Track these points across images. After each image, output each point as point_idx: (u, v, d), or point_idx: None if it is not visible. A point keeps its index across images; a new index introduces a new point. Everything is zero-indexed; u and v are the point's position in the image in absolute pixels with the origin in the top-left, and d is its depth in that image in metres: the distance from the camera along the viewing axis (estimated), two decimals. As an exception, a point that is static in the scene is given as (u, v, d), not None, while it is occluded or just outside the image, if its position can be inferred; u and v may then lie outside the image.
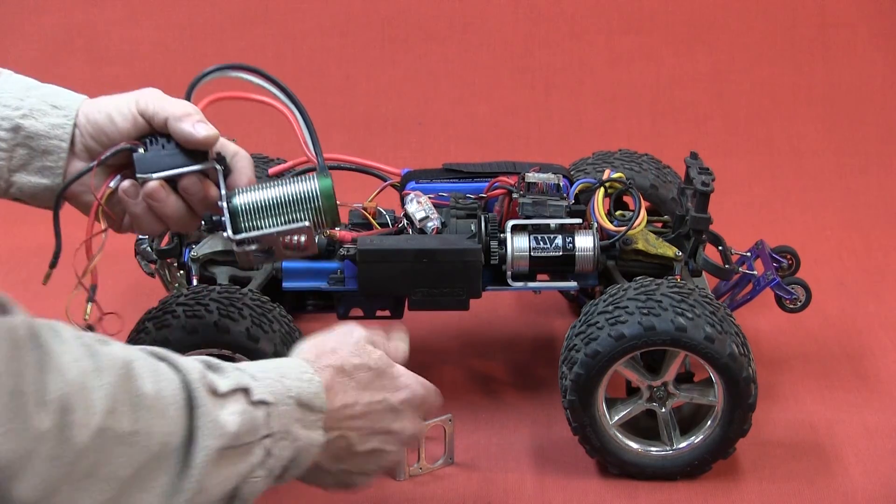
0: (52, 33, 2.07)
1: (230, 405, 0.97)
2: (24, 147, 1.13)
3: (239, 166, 1.16)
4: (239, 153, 1.17)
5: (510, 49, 2.11)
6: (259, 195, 1.13)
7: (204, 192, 1.14)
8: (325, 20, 2.12)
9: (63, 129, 1.13)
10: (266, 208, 1.13)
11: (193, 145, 1.12)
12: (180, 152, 1.12)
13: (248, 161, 1.17)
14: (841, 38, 2.08)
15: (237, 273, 1.42)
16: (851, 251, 1.90)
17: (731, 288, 1.55)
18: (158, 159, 1.12)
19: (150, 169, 1.12)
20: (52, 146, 1.13)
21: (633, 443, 1.36)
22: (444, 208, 1.42)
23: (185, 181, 1.13)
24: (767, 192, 2.02)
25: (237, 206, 1.13)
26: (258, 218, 1.13)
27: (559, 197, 1.40)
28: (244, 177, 1.16)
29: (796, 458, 1.42)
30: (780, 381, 1.57)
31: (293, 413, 1.01)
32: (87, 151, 1.14)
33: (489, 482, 1.38)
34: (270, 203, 1.13)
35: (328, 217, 1.15)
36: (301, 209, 1.13)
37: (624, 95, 2.09)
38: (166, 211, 1.14)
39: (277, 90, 1.16)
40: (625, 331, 1.30)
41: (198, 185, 1.14)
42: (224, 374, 0.99)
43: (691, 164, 1.48)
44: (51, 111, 1.13)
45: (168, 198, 1.13)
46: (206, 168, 1.13)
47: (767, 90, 2.09)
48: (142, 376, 0.92)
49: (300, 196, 1.13)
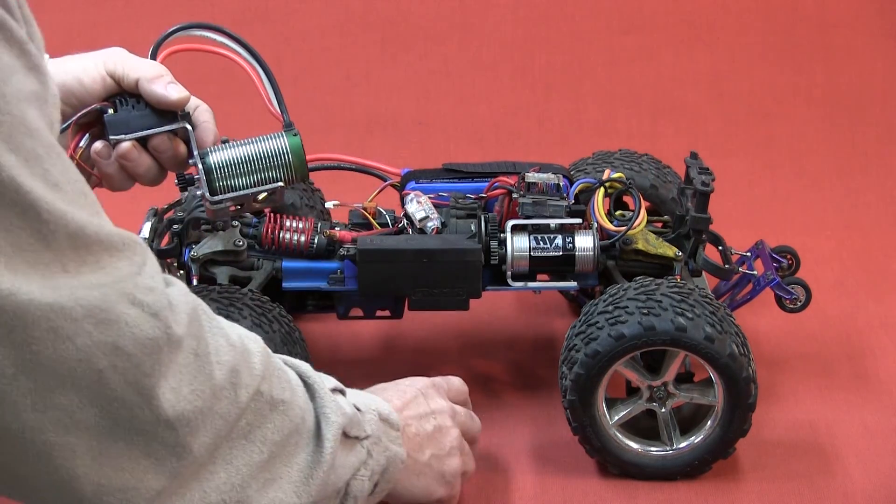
0: (52, 33, 2.06)
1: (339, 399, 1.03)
2: None
3: (202, 120, 1.18)
4: (200, 106, 1.19)
5: (510, 49, 2.11)
6: (231, 154, 1.18)
7: (174, 151, 1.17)
8: (325, 20, 2.12)
9: None
10: (239, 166, 1.17)
11: (166, 106, 1.15)
12: (150, 112, 1.15)
13: (209, 114, 1.19)
14: (841, 38, 2.08)
15: (237, 273, 1.42)
16: (851, 251, 1.90)
17: (731, 288, 1.55)
18: (129, 120, 1.14)
19: (122, 130, 1.14)
20: None
21: (633, 443, 1.36)
22: (444, 208, 1.42)
23: (156, 140, 1.16)
24: (767, 192, 2.02)
25: (211, 166, 1.15)
26: (232, 177, 1.18)
27: (559, 197, 1.40)
28: (208, 131, 1.18)
29: (796, 458, 1.42)
30: (780, 381, 1.57)
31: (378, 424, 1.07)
32: None
33: (489, 482, 1.38)
34: (242, 162, 1.17)
35: (299, 173, 1.20)
36: (273, 167, 1.17)
37: (624, 95, 2.09)
38: (138, 170, 1.16)
39: (241, 48, 1.19)
40: (625, 331, 1.30)
41: (168, 143, 1.16)
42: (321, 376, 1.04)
43: (691, 164, 1.48)
44: None
45: (140, 157, 1.16)
46: (177, 128, 1.15)
47: (767, 90, 2.09)
48: (280, 365, 0.99)
49: (271, 153, 1.17)
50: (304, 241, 1.41)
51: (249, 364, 0.93)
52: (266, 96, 1.18)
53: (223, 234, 1.41)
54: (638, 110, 2.09)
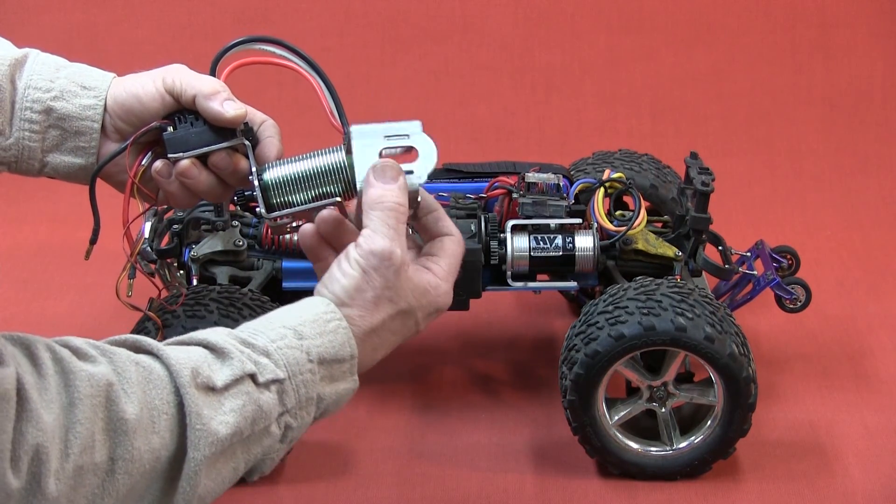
0: (52, 33, 2.07)
1: (229, 401, 0.95)
2: (57, 128, 1.13)
3: (266, 135, 1.15)
4: (266, 122, 1.16)
5: (510, 49, 2.11)
6: (288, 170, 1.13)
7: (234, 167, 1.14)
8: (325, 20, 2.12)
9: (94, 109, 1.13)
10: (296, 182, 1.12)
11: (222, 123, 1.12)
12: (209, 129, 1.13)
13: (275, 129, 1.16)
14: (841, 38, 2.08)
15: (237, 273, 1.42)
16: (851, 251, 1.90)
17: (731, 288, 1.55)
18: (188, 137, 1.12)
19: (181, 148, 1.12)
20: (83, 127, 1.13)
21: (633, 443, 1.36)
22: (444, 208, 1.42)
23: (215, 157, 1.13)
24: (767, 192, 2.02)
25: (268, 183, 1.12)
26: (289, 193, 1.12)
27: (559, 197, 1.40)
28: (272, 147, 1.15)
29: (796, 458, 1.42)
30: (780, 381, 1.57)
31: (315, 376, 1.00)
32: (117, 132, 1.14)
33: (489, 482, 1.38)
34: (300, 177, 1.12)
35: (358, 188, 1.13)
36: (330, 182, 1.12)
37: (624, 95, 2.09)
38: (199, 187, 1.14)
39: (302, 61, 1.16)
40: (625, 331, 1.30)
41: (227, 160, 1.13)
42: (227, 362, 0.97)
43: (691, 164, 1.48)
44: (81, 92, 1.14)
45: (200, 175, 1.13)
46: (235, 144, 1.13)
47: (767, 90, 2.09)
48: (124, 396, 0.91)
49: (329, 168, 1.12)
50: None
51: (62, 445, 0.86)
52: (328, 108, 1.16)
53: (223, 234, 1.41)
54: (638, 110, 2.09)
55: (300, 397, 0.99)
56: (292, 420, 0.99)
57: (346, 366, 1.02)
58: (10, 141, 1.13)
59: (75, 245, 1.93)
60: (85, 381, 0.89)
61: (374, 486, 1.38)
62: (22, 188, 2.03)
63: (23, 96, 1.13)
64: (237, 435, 0.95)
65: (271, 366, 0.98)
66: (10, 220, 1.98)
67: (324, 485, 1.38)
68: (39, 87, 1.13)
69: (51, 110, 1.13)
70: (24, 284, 1.82)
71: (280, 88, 1.98)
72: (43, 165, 1.15)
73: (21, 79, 1.13)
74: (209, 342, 0.98)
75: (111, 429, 0.89)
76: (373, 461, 1.42)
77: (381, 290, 1.03)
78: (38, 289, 1.82)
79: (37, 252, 1.91)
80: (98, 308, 1.75)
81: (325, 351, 1.01)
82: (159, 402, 0.92)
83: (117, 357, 0.93)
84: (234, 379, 0.96)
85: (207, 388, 0.95)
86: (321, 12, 2.12)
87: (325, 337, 1.01)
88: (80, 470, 0.87)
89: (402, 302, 1.05)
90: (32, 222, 1.99)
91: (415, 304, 1.05)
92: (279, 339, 1.00)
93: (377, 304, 1.04)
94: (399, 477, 1.39)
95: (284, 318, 1.03)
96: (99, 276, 1.81)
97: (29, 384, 0.86)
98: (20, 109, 1.13)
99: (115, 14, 2.09)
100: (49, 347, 0.90)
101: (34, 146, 1.13)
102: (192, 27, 2.10)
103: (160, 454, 0.92)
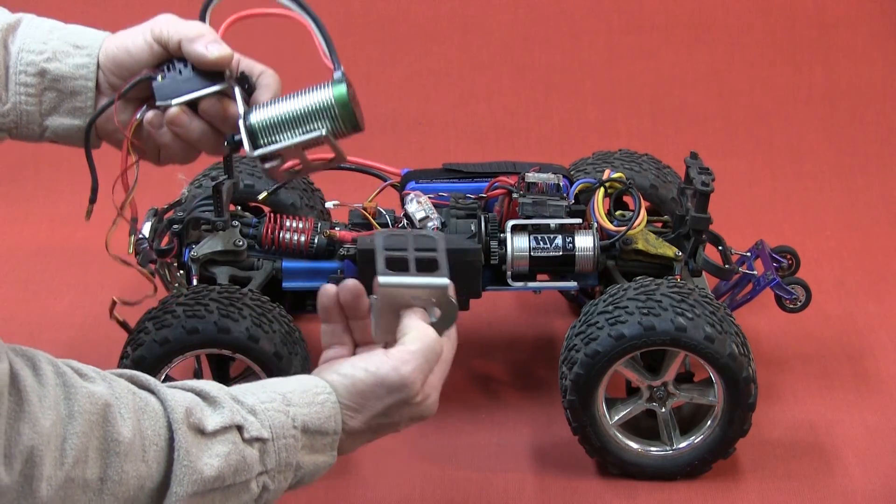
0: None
1: (216, 446, 0.96)
2: (52, 90, 1.13)
3: (264, 83, 1.14)
4: (266, 71, 1.15)
5: (510, 49, 2.10)
6: (275, 109, 1.11)
7: (224, 112, 1.12)
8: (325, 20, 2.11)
9: (87, 68, 1.13)
10: (283, 121, 1.10)
11: (207, 66, 1.11)
12: (197, 75, 1.11)
13: (273, 78, 1.15)
14: (841, 38, 2.08)
15: (237, 273, 1.42)
16: (851, 251, 1.90)
17: (731, 288, 1.55)
18: (176, 85, 1.11)
19: (169, 95, 1.11)
20: (78, 87, 1.13)
21: (633, 443, 1.36)
22: (444, 208, 1.42)
23: (204, 103, 1.12)
24: (767, 192, 2.02)
25: (254, 124, 1.10)
26: (276, 132, 1.10)
27: (559, 197, 1.40)
28: (269, 92, 1.13)
29: (796, 458, 1.42)
30: (780, 381, 1.57)
31: (297, 442, 1.00)
32: (112, 89, 1.13)
33: (489, 482, 1.38)
34: (287, 116, 1.10)
35: (346, 124, 1.12)
36: (319, 118, 1.10)
37: (624, 95, 2.09)
38: (191, 136, 1.13)
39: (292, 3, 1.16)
40: (625, 331, 1.30)
41: (216, 105, 1.12)
42: (217, 410, 0.97)
43: (691, 164, 1.48)
44: (73, 52, 1.13)
45: (191, 122, 1.12)
46: (223, 88, 1.11)
47: (767, 90, 2.09)
48: (120, 419, 0.91)
49: (316, 106, 1.10)
50: (304, 241, 1.41)
51: (57, 452, 0.87)
52: (319, 46, 1.16)
53: (223, 234, 1.41)
54: (638, 110, 2.09)
55: (280, 461, 0.99)
56: (270, 482, 0.99)
57: (328, 439, 1.02)
58: (8, 106, 1.12)
59: (75, 245, 1.94)
60: (85, 398, 0.89)
61: (374, 486, 1.38)
62: (22, 188, 2.03)
63: (17, 60, 1.12)
64: (219, 480, 0.96)
65: (257, 424, 0.98)
66: (10, 220, 1.98)
67: (324, 485, 1.38)
68: (32, 50, 1.12)
69: (45, 72, 1.12)
70: (24, 284, 1.82)
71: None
72: (43, 130, 1.14)
73: (14, 43, 1.12)
74: (202, 390, 0.99)
75: (104, 448, 0.90)
76: (373, 461, 1.41)
77: (384, 408, 1.04)
78: (38, 289, 1.81)
79: (37, 252, 1.91)
80: (98, 308, 1.75)
81: (311, 421, 1.01)
82: (151, 432, 0.93)
83: (116, 384, 0.93)
84: (224, 426, 0.97)
85: (198, 429, 0.95)
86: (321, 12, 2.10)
87: (312, 407, 1.01)
88: (70, 482, 0.87)
89: (395, 416, 1.05)
90: (32, 222, 1.99)
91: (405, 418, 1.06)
92: (268, 402, 1.00)
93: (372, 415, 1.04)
94: (399, 477, 1.39)
95: (276, 384, 1.03)
96: (99, 276, 1.81)
97: (30, 387, 0.86)
98: (15, 73, 1.12)
99: (115, 14, 2.09)
100: (51, 362, 0.90)
101: (32, 110, 1.12)
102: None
103: (145, 483, 0.92)
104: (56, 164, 2.01)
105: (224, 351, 1.29)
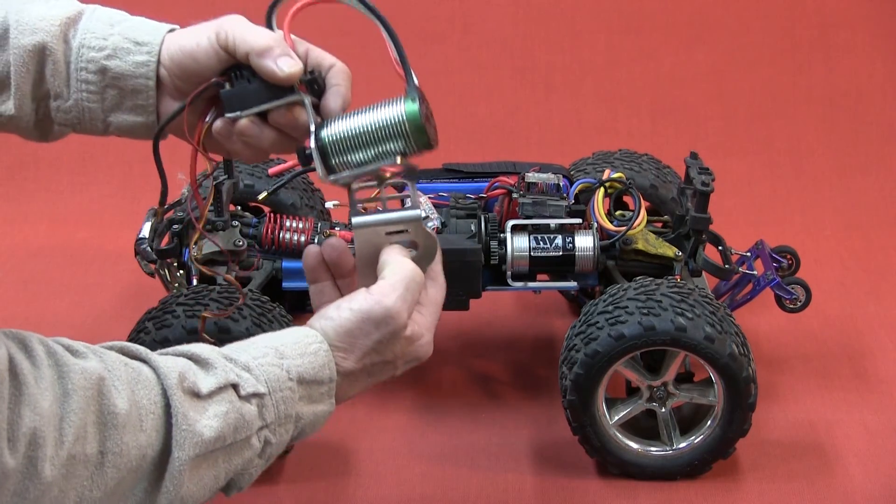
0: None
1: (213, 407, 0.96)
2: (114, 88, 1.10)
3: (333, 82, 1.12)
4: (335, 66, 1.13)
5: (510, 49, 2.11)
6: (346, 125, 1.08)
7: (295, 122, 1.10)
8: (325, 20, 2.11)
9: (147, 66, 1.10)
10: (354, 140, 1.08)
11: (277, 82, 1.08)
12: (266, 85, 1.08)
13: (344, 75, 1.13)
14: (841, 38, 2.08)
15: (237, 273, 1.42)
16: (851, 251, 1.90)
17: (731, 288, 1.55)
18: (245, 94, 1.09)
19: (238, 106, 1.09)
20: (139, 85, 1.10)
21: (633, 443, 1.36)
22: (444, 208, 1.42)
23: (275, 114, 1.09)
24: (767, 192, 2.02)
25: (325, 142, 1.08)
26: (347, 152, 1.08)
27: (559, 197, 1.40)
28: (338, 96, 1.11)
29: (796, 458, 1.42)
30: (780, 381, 1.57)
31: (294, 394, 1.01)
32: (176, 90, 1.11)
33: (489, 482, 1.38)
34: (358, 134, 1.08)
35: (419, 144, 1.08)
36: (391, 137, 1.07)
37: (624, 95, 2.09)
38: (262, 144, 1.11)
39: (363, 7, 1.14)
40: (625, 331, 1.30)
41: (287, 115, 1.10)
42: (211, 371, 0.98)
43: (691, 164, 1.48)
44: (134, 49, 1.10)
45: (262, 132, 1.10)
46: (293, 101, 1.09)
47: (767, 90, 2.09)
48: (114, 392, 0.91)
49: (389, 124, 1.07)
50: (304, 241, 1.41)
51: (58, 432, 0.87)
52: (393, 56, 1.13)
53: (223, 234, 1.41)
54: (638, 110, 2.09)
55: (279, 413, 1.00)
56: (271, 435, 1.00)
57: (324, 388, 1.02)
58: (70, 103, 1.10)
59: (75, 245, 1.94)
60: (78, 374, 0.90)
61: (374, 486, 1.38)
62: (22, 188, 2.03)
63: (77, 56, 1.09)
64: (220, 440, 0.96)
65: (252, 380, 0.99)
66: (10, 220, 1.98)
67: (324, 485, 1.38)
68: (93, 46, 1.09)
69: (105, 70, 1.09)
70: (24, 284, 1.82)
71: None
72: (107, 126, 1.12)
73: (75, 38, 1.09)
74: (194, 353, 0.99)
75: (102, 422, 0.90)
76: (373, 461, 1.42)
77: (374, 343, 1.04)
78: (38, 289, 1.82)
79: (37, 252, 1.91)
80: (98, 308, 1.75)
81: (305, 371, 1.01)
82: (147, 401, 0.93)
83: (107, 357, 0.94)
84: (218, 387, 0.97)
85: (193, 393, 0.96)
86: (321, 12, 2.11)
87: (305, 358, 1.02)
88: (72, 459, 0.88)
89: (387, 354, 1.05)
90: (32, 222, 1.99)
91: (399, 356, 1.06)
92: (260, 357, 1.01)
93: (363, 353, 1.04)
94: (399, 477, 1.40)
95: (267, 339, 1.03)
96: (99, 276, 1.81)
97: (26, 370, 0.87)
98: (76, 70, 1.09)
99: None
100: (42, 342, 0.91)
101: (94, 107, 1.10)
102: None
103: (146, 452, 0.92)
104: (56, 164, 2.01)
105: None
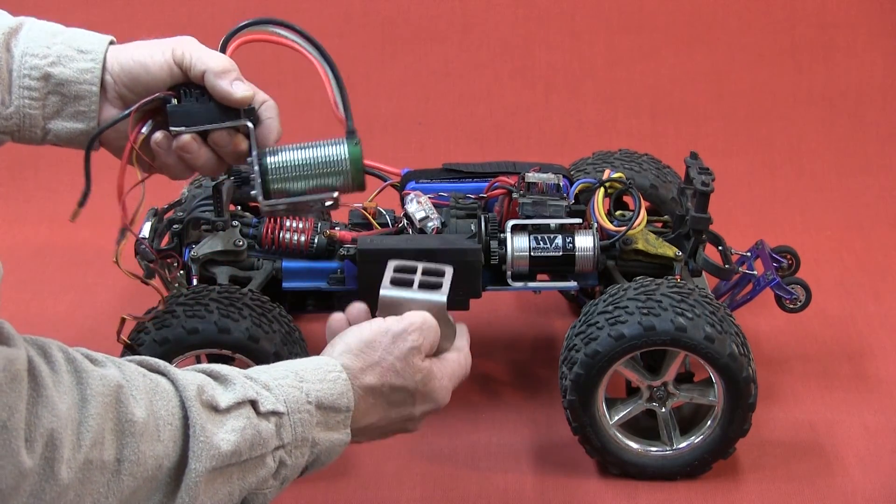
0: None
1: (231, 422, 0.97)
2: (56, 94, 1.13)
3: (266, 116, 1.16)
4: (267, 102, 1.17)
5: (510, 49, 2.10)
6: (289, 157, 1.14)
7: (234, 146, 1.15)
8: (324, 20, 2.11)
9: (91, 73, 1.13)
10: (295, 170, 1.14)
11: (230, 103, 1.12)
12: (214, 106, 1.13)
13: (275, 111, 1.17)
14: (841, 38, 2.08)
15: (237, 273, 1.42)
16: (851, 251, 1.90)
17: (731, 288, 1.55)
18: (192, 112, 1.13)
19: (183, 122, 1.13)
20: (82, 91, 1.13)
21: (633, 443, 1.36)
22: (444, 208, 1.42)
23: (216, 135, 1.14)
24: (767, 192, 2.02)
25: (267, 168, 1.13)
26: (287, 180, 1.14)
27: (559, 197, 1.40)
28: (272, 129, 1.16)
29: (796, 458, 1.42)
30: (780, 381, 1.57)
31: (312, 418, 1.02)
32: (120, 98, 1.14)
33: (489, 482, 1.38)
34: (300, 166, 1.14)
35: (356, 183, 1.17)
36: (329, 173, 1.15)
37: (624, 95, 2.09)
38: (196, 162, 1.15)
39: (312, 47, 1.17)
40: (625, 331, 1.30)
41: (228, 139, 1.14)
42: (229, 387, 0.99)
43: (691, 164, 1.48)
44: (77, 56, 1.14)
45: (200, 150, 1.14)
46: (238, 125, 1.13)
47: (767, 90, 2.09)
48: (132, 400, 0.92)
49: (329, 160, 1.14)
50: (304, 241, 1.41)
51: (75, 435, 0.87)
52: (333, 98, 1.17)
53: (223, 234, 1.41)
54: (638, 110, 2.09)
55: (296, 435, 1.01)
56: (287, 457, 1.01)
57: (341, 416, 1.04)
58: (11, 110, 1.12)
59: (75, 245, 1.94)
60: (97, 381, 0.90)
61: (374, 486, 1.38)
62: (22, 188, 2.03)
63: (20, 64, 1.12)
64: (236, 455, 0.96)
65: (271, 398, 1.00)
66: (10, 220, 1.98)
67: (324, 485, 1.38)
68: (36, 54, 1.13)
69: (49, 76, 1.12)
70: (24, 284, 1.82)
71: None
72: (45, 133, 1.14)
73: (17, 46, 1.12)
74: (213, 370, 1.01)
75: (119, 430, 0.91)
76: (373, 461, 1.42)
77: (393, 358, 1.07)
78: (38, 289, 1.81)
79: (37, 252, 1.91)
80: (98, 308, 1.75)
81: (324, 396, 1.03)
82: (165, 412, 0.94)
83: (126, 367, 0.94)
84: (237, 402, 0.98)
85: (211, 406, 0.97)
86: (321, 12, 2.12)
87: (324, 384, 1.04)
88: (89, 464, 0.88)
89: (407, 379, 1.08)
90: (32, 222, 1.99)
91: (419, 387, 1.09)
92: (280, 378, 1.02)
93: (382, 367, 1.07)
94: (399, 477, 1.39)
95: (287, 363, 1.06)
96: (99, 277, 1.81)
97: (45, 373, 0.87)
98: (18, 77, 1.12)
99: (114, 14, 2.09)
100: (62, 349, 0.91)
101: (35, 114, 1.13)
102: (192, 27, 2.09)
103: (162, 462, 0.93)
104: (56, 164, 2.01)
105: (224, 351, 1.29)
